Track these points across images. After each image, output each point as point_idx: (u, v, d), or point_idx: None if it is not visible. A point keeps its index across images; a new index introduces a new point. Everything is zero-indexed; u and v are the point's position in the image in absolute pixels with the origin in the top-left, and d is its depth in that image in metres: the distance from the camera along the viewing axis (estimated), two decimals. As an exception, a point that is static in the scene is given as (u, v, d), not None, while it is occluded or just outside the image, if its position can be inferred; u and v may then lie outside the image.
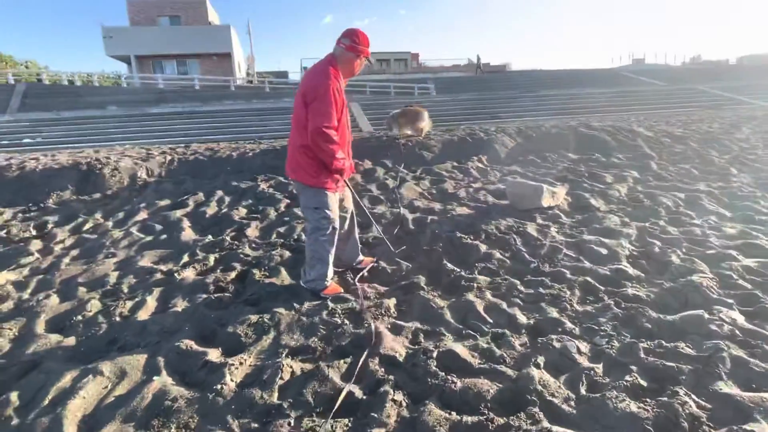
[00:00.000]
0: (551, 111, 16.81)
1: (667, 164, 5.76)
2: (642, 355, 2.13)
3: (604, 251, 3.31)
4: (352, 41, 2.73)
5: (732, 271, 2.91)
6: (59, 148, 10.49)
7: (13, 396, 2.05)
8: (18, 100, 21.18)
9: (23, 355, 2.39)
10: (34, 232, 4.14)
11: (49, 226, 4.25)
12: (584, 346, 2.26)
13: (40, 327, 2.68)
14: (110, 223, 4.29)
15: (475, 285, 2.91)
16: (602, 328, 2.40)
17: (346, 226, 3.15)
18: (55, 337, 2.56)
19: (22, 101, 21.24)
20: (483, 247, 3.43)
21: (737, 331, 2.26)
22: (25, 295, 3.09)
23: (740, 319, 2.38)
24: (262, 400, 1.99)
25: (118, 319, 2.73)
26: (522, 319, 2.54)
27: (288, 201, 4.75)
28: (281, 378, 2.12)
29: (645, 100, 18.22)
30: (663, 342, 2.22)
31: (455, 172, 5.61)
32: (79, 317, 2.77)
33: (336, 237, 2.92)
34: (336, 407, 1.91)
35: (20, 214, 4.58)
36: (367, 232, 3.87)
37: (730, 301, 2.57)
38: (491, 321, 2.55)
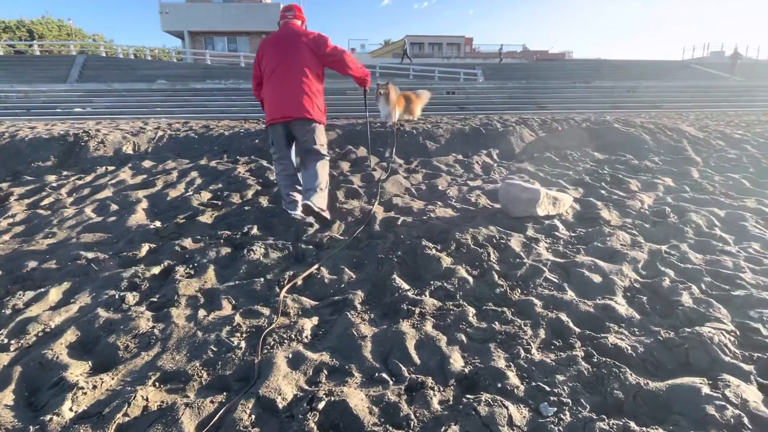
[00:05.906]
0: (604, 104, 15.53)
1: (713, 173, 4.80)
2: (594, 443, 1.54)
3: (596, 279, 2.66)
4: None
5: (762, 324, 2.18)
6: (104, 118, 10.77)
7: None
8: (77, 71, 22.35)
9: None
10: (-7, 204, 4.00)
11: (12, 198, 4.10)
12: (522, 415, 1.68)
13: (-74, 314, 2.44)
14: (70, 200, 4.08)
15: (418, 310, 2.37)
16: (556, 390, 1.80)
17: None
18: (-70, 328, 2.30)
19: (81, 72, 22.38)
20: (447, 261, 2.86)
21: (746, 420, 1.59)
22: (-59, 274, 2.88)
23: (755, 400, 1.69)
24: (87, 444, 1.59)
25: (8, 312, 2.44)
26: (457, 363, 1.99)
27: (258, 188, 4.35)
28: (126, 414, 1.72)
29: (713, 97, 16.37)
30: (632, 425, 1.60)
31: (456, 166, 4.96)
32: (-28, 306, 2.51)
33: None
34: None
35: (-8, 184, 4.48)
36: (324, 230, 3.39)
37: (748, 368, 1.88)
38: (418, 362, 2.02)
